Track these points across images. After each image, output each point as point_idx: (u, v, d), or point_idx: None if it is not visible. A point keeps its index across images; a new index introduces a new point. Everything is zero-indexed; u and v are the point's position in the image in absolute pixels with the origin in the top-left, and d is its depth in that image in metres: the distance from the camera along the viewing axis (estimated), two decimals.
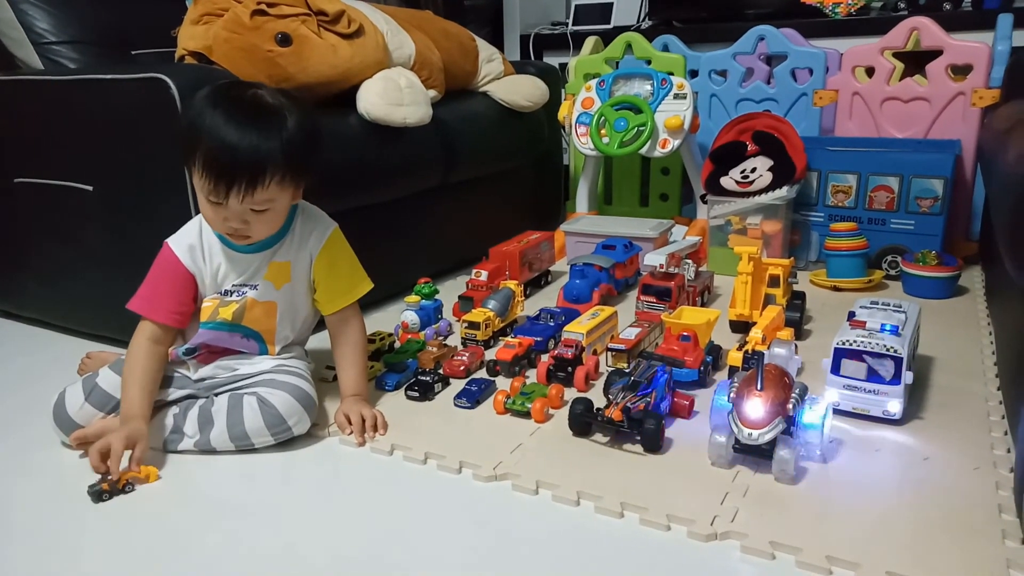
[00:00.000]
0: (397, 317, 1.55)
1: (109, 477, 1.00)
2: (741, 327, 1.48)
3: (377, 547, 0.90)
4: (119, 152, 1.40)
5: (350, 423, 1.15)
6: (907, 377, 1.10)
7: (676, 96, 2.03)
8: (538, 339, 1.41)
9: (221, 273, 1.15)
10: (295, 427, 1.11)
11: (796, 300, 1.54)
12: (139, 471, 1.02)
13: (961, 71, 1.96)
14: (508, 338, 1.41)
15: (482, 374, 1.36)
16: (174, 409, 1.14)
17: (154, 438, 1.12)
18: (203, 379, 1.17)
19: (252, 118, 1.02)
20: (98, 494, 0.99)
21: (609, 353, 1.35)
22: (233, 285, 1.15)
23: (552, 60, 2.84)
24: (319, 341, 1.32)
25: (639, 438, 1.08)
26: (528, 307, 1.67)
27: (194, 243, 1.13)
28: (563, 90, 2.46)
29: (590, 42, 2.54)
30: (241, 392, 1.13)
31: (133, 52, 1.73)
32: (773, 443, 0.99)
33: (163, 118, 1.29)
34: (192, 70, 1.42)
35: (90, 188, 1.46)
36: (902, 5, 2.43)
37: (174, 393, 1.16)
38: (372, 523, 0.95)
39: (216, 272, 1.14)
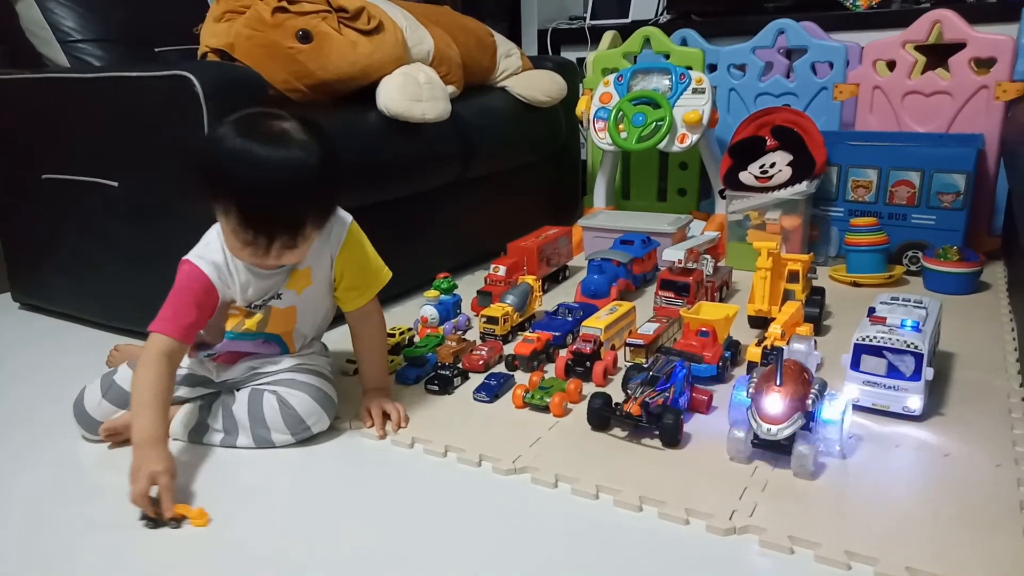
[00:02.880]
0: (416, 312, 1.57)
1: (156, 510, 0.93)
2: (760, 323, 1.48)
3: (397, 539, 0.91)
4: (144, 149, 1.42)
5: (370, 417, 1.16)
6: (928, 373, 1.09)
7: (695, 91, 2.02)
8: (556, 334, 1.42)
9: (250, 290, 1.11)
10: (314, 427, 1.12)
11: (815, 296, 1.53)
12: (191, 511, 0.94)
13: (984, 64, 1.93)
14: (526, 333, 1.42)
15: (501, 368, 1.37)
16: (199, 402, 1.16)
17: (179, 430, 1.14)
18: (224, 381, 1.18)
19: (283, 173, 0.98)
20: (154, 522, 0.93)
21: (627, 348, 1.36)
22: (261, 299, 1.14)
23: (570, 55, 2.84)
24: (340, 335, 1.33)
25: (657, 433, 1.08)
26: (546, 302, 1.67)
27: (219, 261, 1.08)
28: (581, 85, 2.46)
29: (608, 36, 2.53)
30: (261, 389, 1.13)
31: (156, 49, 1.75)
32: (792, 438, 0.99)
33: (187, 115, 1.31)
34: (215, 67, 1.43)
35: (115, 184, 1.48)
36: None
37: (198, 391, 1.17)
38: (392, 515, 0.96)
39: (244, 289, 1.10)
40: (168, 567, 0.87)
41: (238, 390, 1.16)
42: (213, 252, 1.08)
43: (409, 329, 1.49)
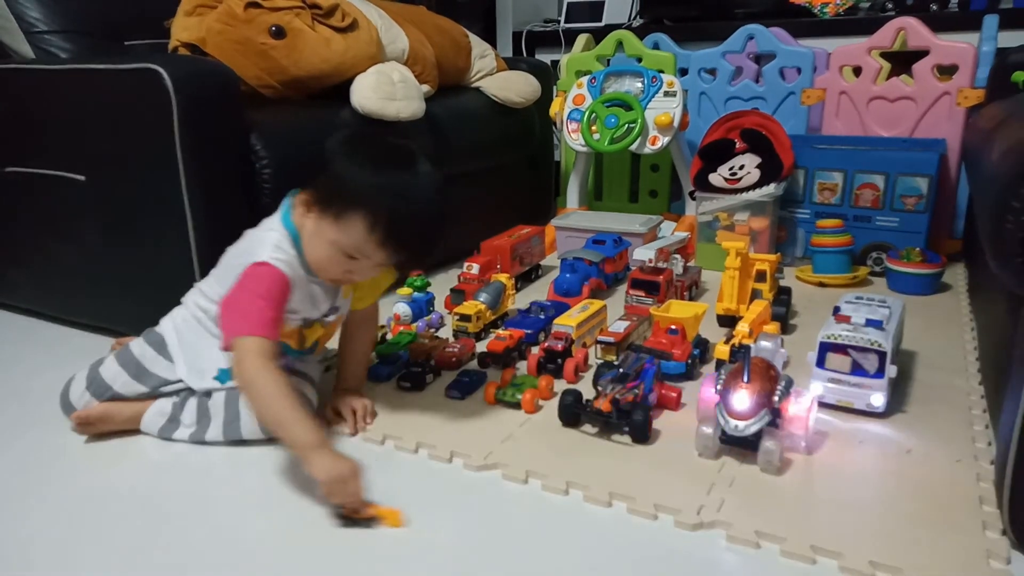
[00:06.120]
0: (389, 309, 1.56)
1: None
2: (728, 321, 1.50)
3: (368, 535, 0.91)
4: (112, 142, 1.40)
5: (338, 417, 1.16)
6: (891, 371, 1.12)
7: (666, 94, 2.04)
8: (529, 332, 1.42)
9: (318, 302, 1.10)
10: None
11: (782, 295, 1.55)
12: (384, 511, 0.93)
13: (947, 71, 1.98)
14: (499, 330, 1.42)
15: (473, 366, 1.37)
16: (173, 398, 1.13)
17: (149, 425, 1.12)
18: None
19: (439, 201, 1.03)
20: (351, 521, 0.92)
21: (598, 346, 1.37)
22: (324, 313, 1.12)
23: (544, 57, 2.85)
24: None
25: (627, 429, 1.09)
26: (519, 300, 1.68)
27: (298, 272, 1.04)
28: (555, 87, 2.47)
29: (582, 39, 2.55)
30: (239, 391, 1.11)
31: (126, 43, 1.73)
32: (759, 435, 1.00)
33: (156, 108, 1.29)
34: (186, 61, 1.42)
35: (82, 178, 1.45)
36: (889, 5, 2.46)
37: (176, 385, 1.14)
38: None
39: (313, 300, 1.09)
40: (151, 564, 0.86)
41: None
42: (288, 257, 1.04)
43: (382, 326, 1.49)
